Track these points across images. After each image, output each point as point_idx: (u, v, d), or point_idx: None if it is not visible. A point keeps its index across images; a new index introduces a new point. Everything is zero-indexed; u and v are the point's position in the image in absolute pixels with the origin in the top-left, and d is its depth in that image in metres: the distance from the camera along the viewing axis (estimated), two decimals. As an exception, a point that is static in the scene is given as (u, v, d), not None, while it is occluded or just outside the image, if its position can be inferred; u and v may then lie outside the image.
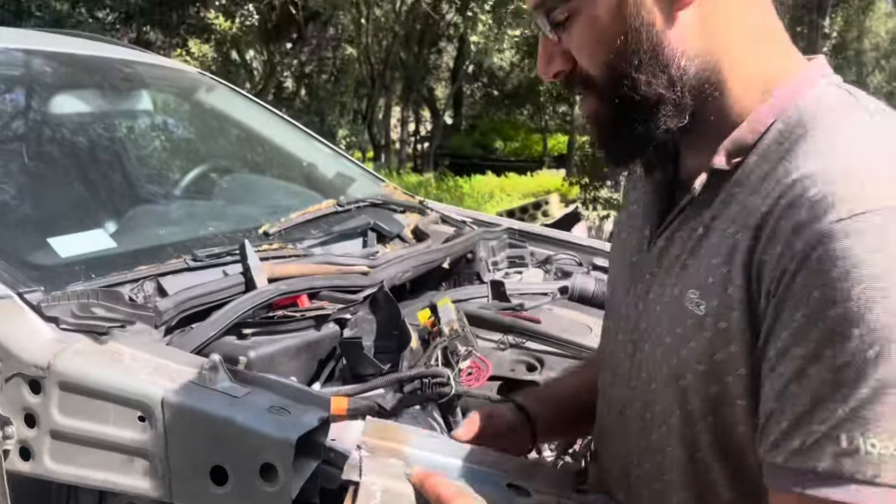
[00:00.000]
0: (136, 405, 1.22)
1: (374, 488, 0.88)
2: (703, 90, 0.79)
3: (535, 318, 1.82)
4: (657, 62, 0.77)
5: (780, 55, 0.82)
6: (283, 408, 1.22)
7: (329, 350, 1.54)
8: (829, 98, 0.77)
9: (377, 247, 2.12)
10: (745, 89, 0.79)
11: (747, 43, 0.79)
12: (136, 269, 1.53)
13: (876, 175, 0.67)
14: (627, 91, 0.78)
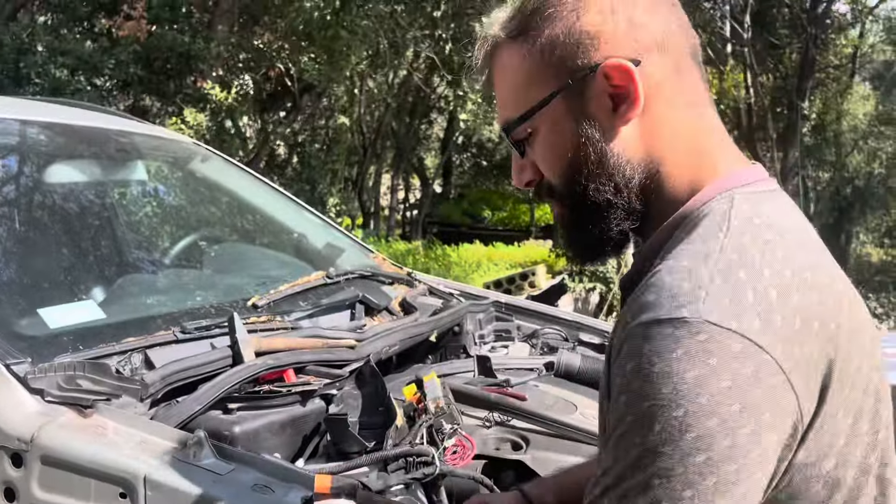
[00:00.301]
0: (118, 481, 1.22)
1: None
2: (647, 193, 0.87)
3: (521, 396, 1.82)
4: (604, 172, 0.86)
5: (708, 161, 0.87)
6: (266, 486, 1.22)
7: (314, 426, 1.54)
8: (711, 213, 0.82)
9: (365, 319, 2.13)
10: (676, 194, 0.87)
11: (681, 150, 0.87)
12: (123, 341, 1.54)
13: (684, 289, 0.74)
14: (581, 198, 0.88)
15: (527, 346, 2.54)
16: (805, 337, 0.74)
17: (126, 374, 1.45)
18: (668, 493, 0.71)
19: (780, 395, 0.72)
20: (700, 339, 0.70)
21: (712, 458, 0.70)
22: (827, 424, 0.77)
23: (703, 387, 0.70)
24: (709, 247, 0.78)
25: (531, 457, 1.62)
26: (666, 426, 0.70)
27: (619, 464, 0.74)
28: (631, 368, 0.73)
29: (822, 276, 0.80)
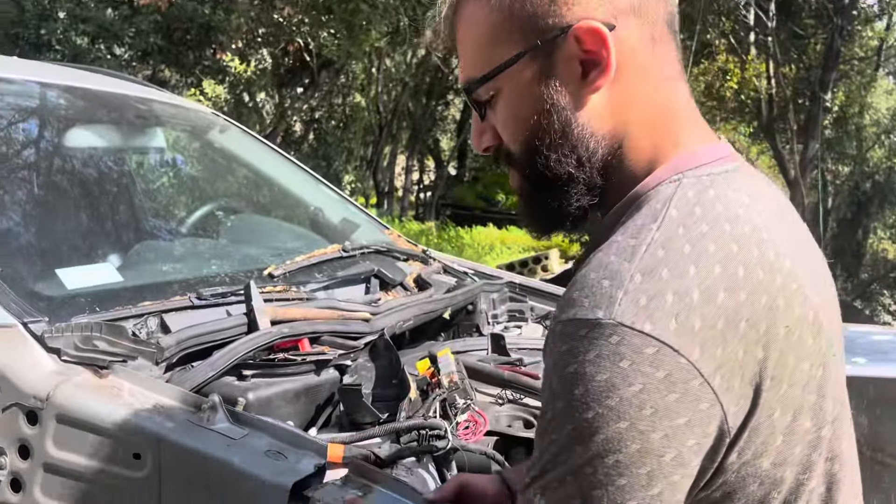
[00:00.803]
0: (132, 442, 1.22)
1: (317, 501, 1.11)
2: (609, 169, 0.83)
3: (534, 374, 1.82)
4: (566, 143, 0.82)
5: (670, 138, 0.83)
6: (279, 452, 1.22)
7: (328, 396, 1.54)
8: (654, 199, 0.79)
9: (379, 294, 2.13)
10: (635, 172, 0.83)
11: (646, 125, 0.82)
12: (140, 305, 1.54)
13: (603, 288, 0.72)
14: (541, 168, 0.84)
15: (540, 328, 2.53)
16: (729, 338, 0.72)
17: (142, 337, 1.45)
18: (580, 490, 0.71)
19: (698, 399, 0.70)
20: (612, 342, 0.69)
21: (621, 460, 0.69)
22: (762, 424, 0.75)
23: (613, 390, 0.69)
24: (639, 240, 0.75)
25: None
26: (578, 426, 0.70)
27: (543, 457, 0.74)
28: (550, 366, 0.73)
29: (759, 272, 0.75)
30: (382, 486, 1.18)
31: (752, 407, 0.74)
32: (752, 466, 0.76)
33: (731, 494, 0.77)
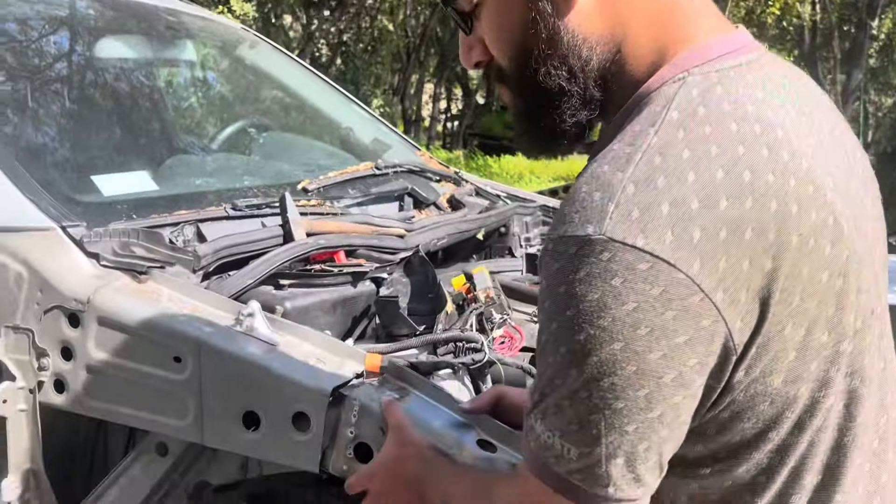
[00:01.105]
0: (172, 346, 1.23)
1: (353, 402, 1.12)
2: (606, 78, 0.76)
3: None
4: (556, 53, 0.75)
5: (675, 33, 0.75)
6: (318, 359, 1.22)
7: (364, 308, 1.53)
8: (655, 101, 0.72)
9: (413, 212, 2.10)
10: (637, 76, 0.75)
11: (645, 22, 0.75)
12: (176, 213, 1.53)
13: (594, 201, 0.66)
14: (531, 84, 0.77)
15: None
16: (733, 249, 0.66)
17: (178, 245, 1.45)
18: (578, 415, 0.68)
19: (698, 316, 0.65)
20: (603, 259, 0.64)
21: (617, 383, 0.66)
22: (772, 339, 0.70)
23: (605, 310, 0.64)
24: (635, 146, 0.69)
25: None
26: (571, 349, 0.66)
27: (541, 381, 0.71)
28: (543, 287, 0.69)
29: (768, 176, 0.69)
30: (419, 390, 1.18)
31: (760, 322, 0.69)
32: (761, 384, 0.71)
33: (740, 414, 0.73)
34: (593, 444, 0.67)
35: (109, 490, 1.36)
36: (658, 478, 0.71)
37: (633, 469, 0.68)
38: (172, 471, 1.32)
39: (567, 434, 0.69)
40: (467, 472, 0.96)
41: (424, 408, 1.14)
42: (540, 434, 0.71)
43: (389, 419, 1.07)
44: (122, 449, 1.44)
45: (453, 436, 1.08)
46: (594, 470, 0.68)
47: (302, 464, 1.16)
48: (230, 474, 1.34)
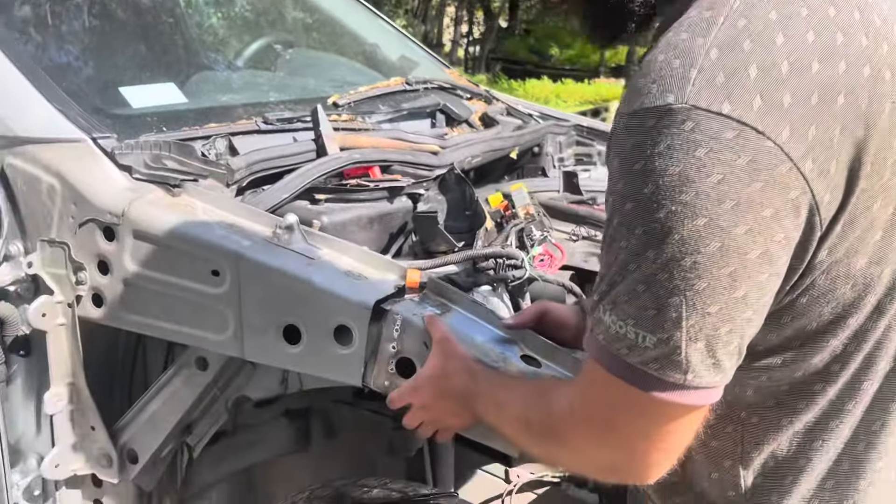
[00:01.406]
0: (210, 259, 1.20)
1: (395, 317, 1.09)
2: None
3: (609, 212, 1.74)
4: None
5: None
6: (359, 273, 1.19)
7: (400, 224, 1.50)
8: None
9: (446, 129, 2.04)
10: None
11: None
12: (206, 127, 1.49)
13: (673, 69, 0.62)
14: None
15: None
16: (824, 115, 0.62)
17: (211, 158, 1.41)
18: (655, 299, 0.64)
19: (786, 187, 0.61)
20: (686, 129, 0.60)
21: (700, 262, 0.62)
22: (858, 216, 0.66)
23: (687, 184, 0.61)
24: (716, 10, 0.64)
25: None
26: (649, 229, 0.62)
27: (611, 269, 0.67)
28: (616, 166, 0.65)
29: (861, 38, 0.64)
30: (460, 306, 1.15)
31: (848, 195, 0.65)
32: (844, 265, 0.68)
33: (819, 298, 0.70)
34: (672, 328, 0.64)
35: (150, 404, 1.36)
36: (736, 364, 0.68)
37: (713, 353, 0.65)
38: (213, 385, 1.32)
39: (642, 321, 0.65)
40: (519, 381, 0.94)
41: (466, 323, 1.12)
42: (610, 325, 0.67)
43: (433, 333, 1.05)
44: (161, 363, 1.44)
45: (497, 350, 1.06)
46: (672, 357, 0.65)
47: (344, 378, 1.14)
48: (270, 389, 1.34)
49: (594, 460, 0.75)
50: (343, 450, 1.69)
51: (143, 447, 1.39)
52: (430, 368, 1.03)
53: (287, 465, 1.73)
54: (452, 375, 0.99)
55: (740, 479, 0.79)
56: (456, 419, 1.01)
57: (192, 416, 1.37)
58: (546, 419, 0.79)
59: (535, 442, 0.83)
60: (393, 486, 1.30)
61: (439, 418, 1.03)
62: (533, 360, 1.06)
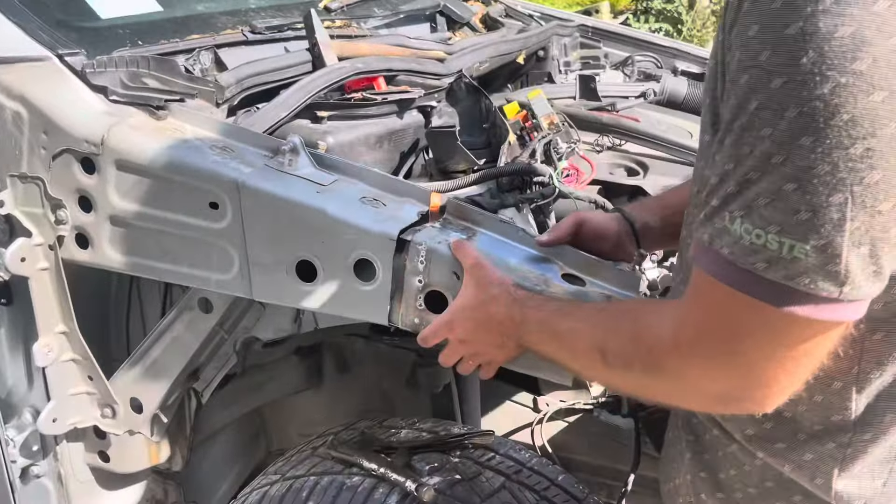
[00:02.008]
0: (207, 190, 1.06)
1: (419, 248, 0.97)
2: None
3: (635, 118, 1.61)
4: None
5: None
6: (376, 199, 1.06)
7: (412, 142, 1.36)
8: None
9: (448, 33, 1.87)
10: None
11: None
12: (187, 38, 1.31)
13: None
14: None
15: (619, 74, 2.27)
16: None
17: (196, 74, 1.24)
18: (809, 199, 0.52)
19: None
20: None
21: (874, 147, 0.50)
22: None
23: (862, 48, 0.48)
24: None
25: (651, 182, 1.45)
26: (806, 109, 0.50)
27: (743, 165, 0.55)
28: (755, 34, 0.52)
29: None
30: (486, 228, 1.03)
31: None
32: None
33: None
34: (833, 233, 0.53)
35: (151, 350, 1.25)
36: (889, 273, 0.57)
37: (877, 260, 0.54)
38: (219, 328, 1.20)
39: (791, 227, 0.54)
40: (581, 306, 0.82)
41: (496, 246, 1.00)
42: (742, 235, 0.56)
43: (464, 261, 0.94)
44: (159, 306, 1.32)
45: (536, 272, 0.95)
46: (828, 267, 0.54)
47: (368, 316, 1.03)
48: (282, 329, 1.23)
49: (704, 390, 0.66)
50: (358, 385, 1.60)
51: (148, 396, 1.28)
52: (466, 299, 0.92)
53: (298, 402, 1.64)
54: (492, 304, 0.89)
55: (851, 401, 0.70)
56: (500, 352, 0.91)
57: (198, 362, 1.26)
58: (635, 348, 0.69)
59: (617, 374, 0.74)
60: (422, 425, 1.20)
61: (481, 352, 0.93)
62: (576, 279, 0.97)
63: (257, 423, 1.69)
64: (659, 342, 0.66)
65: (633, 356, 0.69)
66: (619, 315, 0.73)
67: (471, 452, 1.14)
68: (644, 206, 1.09)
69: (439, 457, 1.12)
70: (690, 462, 0.86)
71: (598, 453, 1.46)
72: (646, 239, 1.06)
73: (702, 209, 0.62)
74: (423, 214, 1.05)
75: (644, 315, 0.70)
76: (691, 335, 0.63)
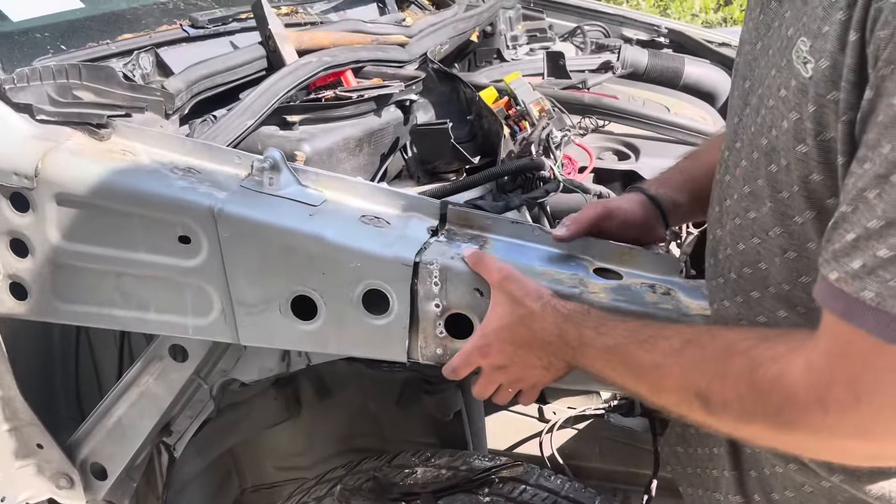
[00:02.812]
0: (175, 222, 0.89)
1: (431, 267, 0.84)
2: None
3: (614, 96, 1.50)
4: None
5: None
6: (376, 216, 0.91)
7: (391, 142, 1.21)
8: None
9: (400, 13, 1.71)
10: None
11: None
12: (119, 40, 1.12)
13: None
14: None
15: (570, 46, 2.17)
16: None
17: (137, 81, 1.05)
18: None
19: None
20: None
21: None
22: None
23: None
24: None
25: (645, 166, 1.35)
26: None
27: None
28: None
29: None
30: (497, 232, 0.92)
31: None
32: None
33: None
34: None
35: (114, 408, 1.07)
36: None
37: None
38: (195, 375, 1.03)
39: None
40: (654, 330, 0.71)
41: (514, 251, 0.90)
42: None
43: (488, 276, 0.82)
44: (115, 355, 1.14)
45: (566, 272, 0.86)
46: None
47: (384, 353, 0.89)
48: (268, 369, 1.07)
49: (851, 451, 0.58)
50: (341, 410, 1.45)
51: (112, 460, 1.10)
52: (499, 318, 0.80)
53: (274, 434, 1.48)
54: (534, 321, 0.78)
55: None
56: (547, 373, 0.81)
57: (170, 415, 1.09)
58: (757, 401, 0.59)
59: (727, 424, 0.64)
60: (438, 461, 1.08)
61: (524, 377, 0.82)
62: (610, 273, 0.88)
63: (228, 461, 1.53)
64: (792, 401, 0.57)
65: (755, 410, 0.60)
66: (722, 357, 0.62)
67: (500, 488, 1.02)
68: (666, 183, 0.99)
69: (468, 498, 1.00)
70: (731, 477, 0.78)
71: (612, 458, 1.37)
72: (674, 217, 0.97)
73: (831, 243, 0.53)
74: (433, 230, 0.92)
75: (759, 361, 0.60)
76: (845, 399, 0.54)
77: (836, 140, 0.56)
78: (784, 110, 0.61)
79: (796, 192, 0.62)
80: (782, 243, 0.66)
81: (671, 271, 0.89)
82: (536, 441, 1.37)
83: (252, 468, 1.56)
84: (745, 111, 0.70)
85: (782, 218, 0.65)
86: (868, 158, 0.51)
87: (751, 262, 0.70)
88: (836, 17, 0.54)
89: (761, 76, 0.67)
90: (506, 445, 1.44)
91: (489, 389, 0.85)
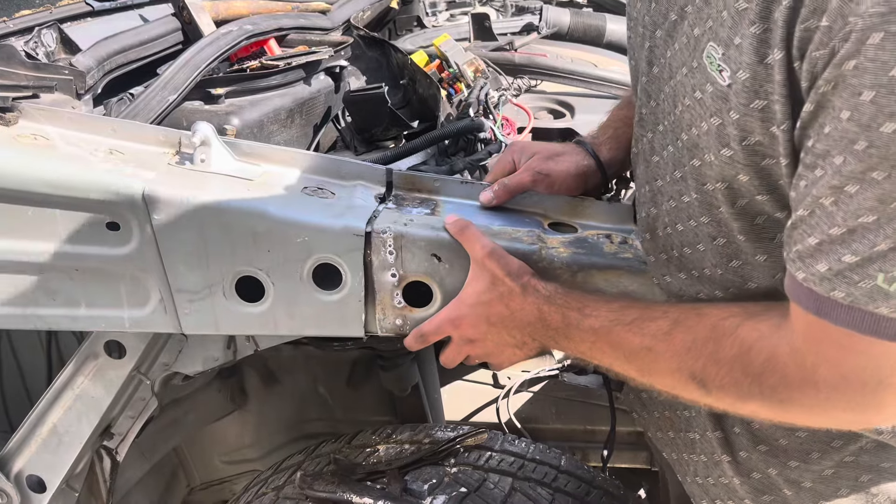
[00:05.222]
0: (100, 208, 0.82)
1: (384, 236, 0.81)
2: None
3: (543, 54, 1.49)
4: None
5: None
6: (319, 188, 0.87)
7: (323, 111, 1.15)
8: None
9: (317, -19, 1.64)
10: None
11: None
12: (18, 16, 1.02)
13: None
14: None
15: (490, 10, 2.14)
16: None
17: (42, 60, 0.97)
18: None
19: None
20: None
21: None
22: None
23: None
24: None
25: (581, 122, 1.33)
26: None
27: None
28: None
29: None
30: (447, 194, 0.91)
31: None
32: None
33: None
34: None
35: (48, 415, 0.99)
36: None
37: None
38: (136, 372, 0.97)
39: None
40: (640, 310, 0.69)
41: (466, 212, 0.87)
42: None
43: (470, 248, 0.80)
44: (42, 357, 1.06)
45: (522, 229, 0.84)
46: None
47: (340, 330, 0.85)
48: (213, 359, 1.01)
49: (838, 419, 0.62)
50: (289, 396, 1.40)
51: (50, 470, 1.03)
52: (477, 293, 0.78)
53: (220, 428, 1.42)
54: (512, 300, 0.76)
55: None
56: (519, 352, 0.79)
57: (110, 417, 1.02)
58: (752, 383, 0.61)
59: (725, 402, 0.65)
60: (399, 436, 1.05)
61: (494, 352, 0.81)
62: (564, 226, 0.87)
63: (174, 460, 1.46)
64: (786, 381, 0.58)
65: (752, 391, 0.61)
66: (711, 338, 0.62)
67: (466, 457, 1.00)
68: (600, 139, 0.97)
69: (434, 470, 0.97)
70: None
71: (568, 418, 1.37)
72: (611, 169, 0.95)
73: (793, 243, 0.55)
74: (381, 197, 0.88)
75: (748, 343, 0.60)
76: (832, 378, 0.56)
77: (762, 144, 0.57)
78: (703, 113, 0.61)
79: (721, 188, 0.63)
80: (711, 231, 0.67)
81: (625, 219, 0.88)
82: (493, 408, 1.36)
83: (199, 465, 1.49)
84: (661, 97, 0.70)
85: (709, 208, 0.66)
86: (818, 165, 0.51)
87: (690, 243, 0.71)
88: (749, 31, 0.54)
89: (670, 67, 0.66)
90: (463, 415, 1.42)
91: (457, 360, 0.83)
